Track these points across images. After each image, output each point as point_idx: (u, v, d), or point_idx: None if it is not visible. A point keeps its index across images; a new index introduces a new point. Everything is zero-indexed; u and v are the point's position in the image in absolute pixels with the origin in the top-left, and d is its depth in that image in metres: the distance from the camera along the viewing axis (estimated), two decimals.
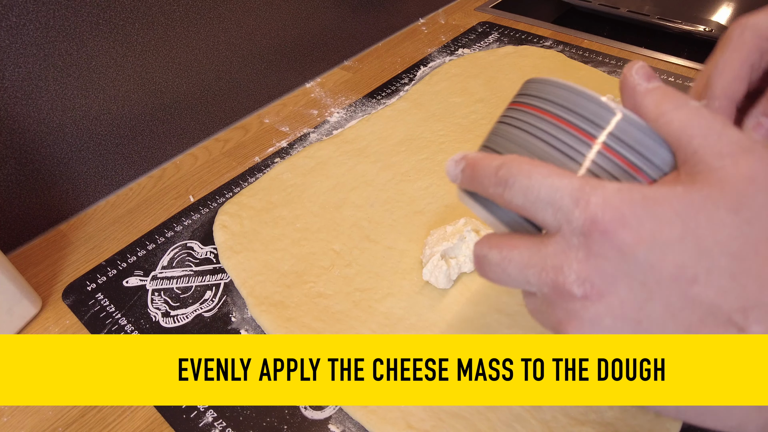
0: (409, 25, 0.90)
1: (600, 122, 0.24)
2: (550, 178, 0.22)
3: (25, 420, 0.40)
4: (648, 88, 0.24)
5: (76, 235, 0.55)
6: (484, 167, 0.24)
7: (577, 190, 0.21)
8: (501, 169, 0.23)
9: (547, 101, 0.25)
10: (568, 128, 0.24)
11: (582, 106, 0.24)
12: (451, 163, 0.27)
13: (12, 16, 0.46)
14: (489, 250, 0.25)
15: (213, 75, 0.65)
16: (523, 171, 0.23)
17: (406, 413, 0.38)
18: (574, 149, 0.24)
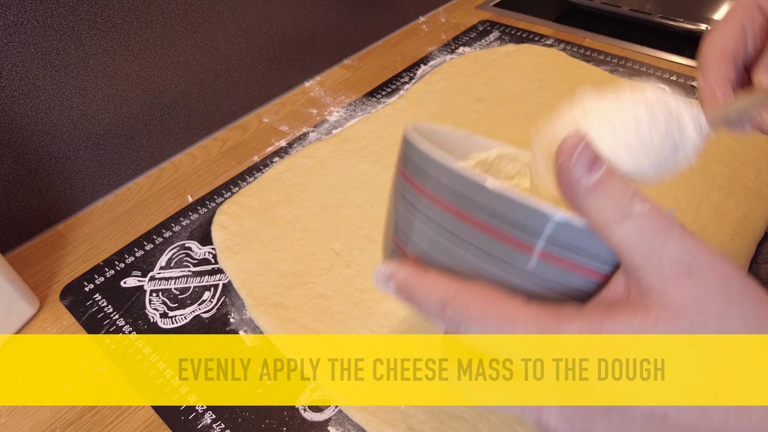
0: (410, 24, 0.89)
1: (536, 228, 0.21)
2: (505, 328, 0.21)
3: (22, 421, 0.40)
4: (589, 185, 0.21)
5: (74, 236, 0.55)
6: (425, 300, 0.23)
7: (541, 338, 0.21)
8: (446, 309, 0.23)
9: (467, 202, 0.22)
10: (502, 241, 0.22)
11: (513, 212, 0.21)
12: (378, 281, 0.25)
13: (9, 14, 0.45)
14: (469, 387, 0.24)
15: (211, 74, 0.65)
16: (473, 318, 0.22)
17: (406, 415, 0.38)
18: (511, 265, 0.22)
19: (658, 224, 0.21)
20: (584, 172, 0.21)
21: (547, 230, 0.21)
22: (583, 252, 0.22)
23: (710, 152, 0.56)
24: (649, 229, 0.21)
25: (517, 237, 0.22)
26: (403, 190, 0.25)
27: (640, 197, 0.21)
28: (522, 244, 0.22)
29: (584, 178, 0.21)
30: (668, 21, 0.85)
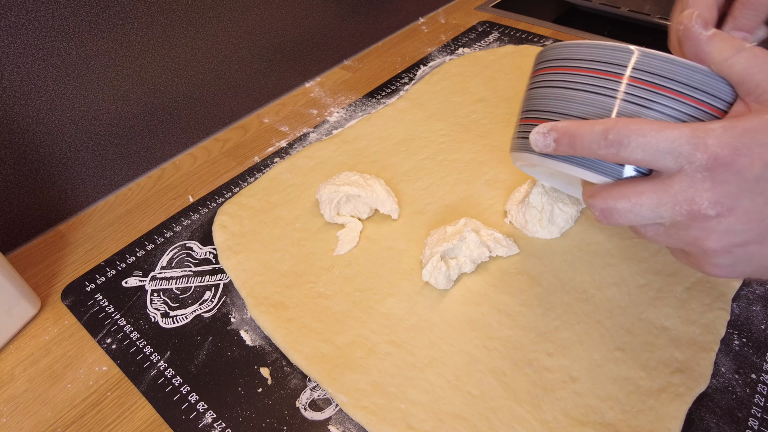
0: (409, 25, 0.89)
1: (671, 75, 0.29)
2: (663, 131, 0.27)
3: (23, 421, 0.40)
4: (708, 36, 0.29)
5: (75, 236, 0.55)
6: (588, 133, 0.29)
7: (692, 137, 0.27)
8: (609, 132, 0.28)
9: (604, 62, 0.30)
10: (644, 85, 0.29)
11: (651, 65, 0.30)
12: (538, 136, 0.31)
13: (11, 15, 0.46)
14: (616, 201, 0.29)
15: (212, 74, 0.65)
16: (635, 131, 0.28)
17: (406, 414, 0.38)
18: (653, 101, 0.29)
19: (765, 52, 0.28)
20: (702, 29, 0.29)
21: (683, 77, 0.29)
22: (708, 93, 0.29)
23: None
24: (761, 53, 0.28)
25: (670, 87, 0.29)
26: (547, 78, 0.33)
27: (744, 42, 0.28)
28: (674, 91, 0.29)
29: (703, 31, 0.29)
30: (667, 21, 0.85)
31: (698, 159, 0.27)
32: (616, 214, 0.30)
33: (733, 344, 0.42)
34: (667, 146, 0.27)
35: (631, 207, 0.29)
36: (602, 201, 0.30)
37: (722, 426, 0.37)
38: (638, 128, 0.28)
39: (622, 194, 0.29)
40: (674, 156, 0.27)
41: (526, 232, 0.50)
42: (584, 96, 0.31)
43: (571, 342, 0.42)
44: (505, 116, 0.65)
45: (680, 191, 0.27)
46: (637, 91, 0.30)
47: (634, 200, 0.29)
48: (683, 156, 0.27)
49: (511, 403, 0.38)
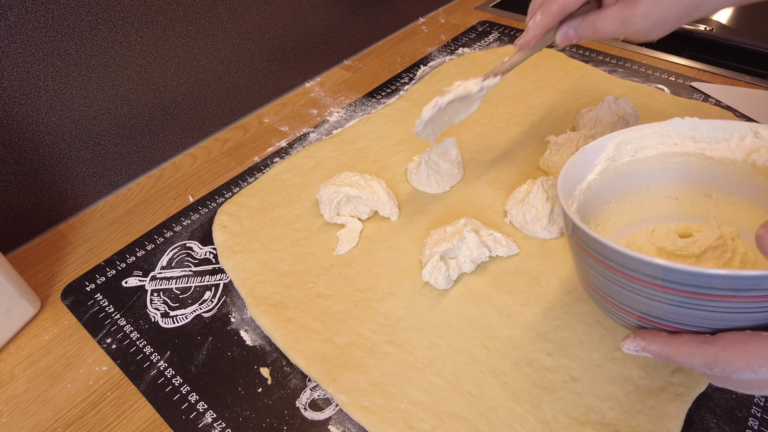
0: (409, 25, 0.89)
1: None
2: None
3: (24, 421, 0.40)
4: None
5: (75, 236, 0.55)
6: (686, 363, 0.28)
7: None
8: (713, 368, 0.27)
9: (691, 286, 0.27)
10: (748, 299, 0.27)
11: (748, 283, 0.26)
12: (631, 352, 0.31)
13: (11, 15, 0.46)
14: (736, 389, 0.29)
15: (212, 75, 0.65)
16: (743, 368, 0.26)
17: (406, 414, 0.38)
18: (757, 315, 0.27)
19: None
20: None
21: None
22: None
23: None
24: None
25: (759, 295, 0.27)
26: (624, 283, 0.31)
27: None
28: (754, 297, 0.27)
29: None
30: None
31: None
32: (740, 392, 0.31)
33: None
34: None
35: (756, 392, 0.29)
36: (721, 384, 0.30)
37: (722, 426, 0.37)
38: (746, 366, 0.26)
39: (743, 385, 0.29)
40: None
41: (526, 232, 0.50)
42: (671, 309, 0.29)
43: (571, 342, 0.42)
44: (505, 116, 0.65)
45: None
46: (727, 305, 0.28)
47: (757, 391, 0.29)
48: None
49: (511, 403, 0.38)
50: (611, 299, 0.33)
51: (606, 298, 0.33)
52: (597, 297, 0.35)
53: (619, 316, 0.34)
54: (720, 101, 0.65)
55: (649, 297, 0.29)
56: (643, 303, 0.30)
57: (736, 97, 0.66)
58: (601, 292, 0.34)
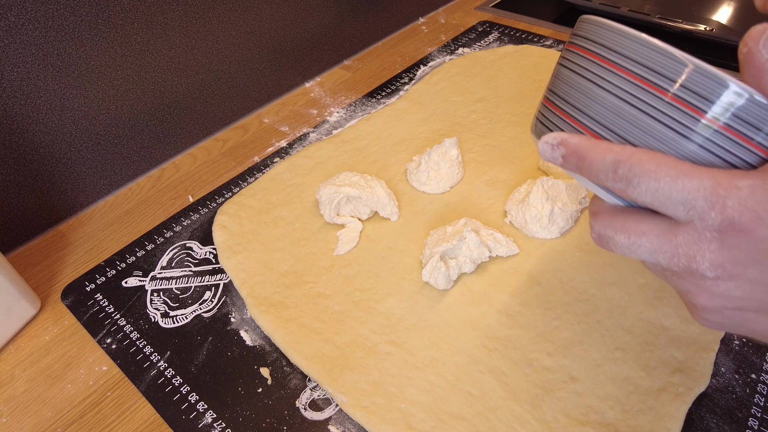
0: (409, 25, 0.89)
1: (715, 99, 0.23)
2: (680, 180, 0.23)
3: (24, 420, 0.40)
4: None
5: (75, 236, 0.55)
6: (597, 161, 0.25)
7: (711, 194, 0.23)
8: (619, 167, 0.25)
9: (644, 67, 0.25)
10: (681, 105, 0.24)
11: (694, 82, 0.23)
12: (546, 146, 0.28)
13: (11, 15, 0.46)
14: (615, 234, 0.27)
15: (212, 74, 0.65)
16: (648, 172, 0.24)
17: (406, 414, 0.38)
18: (689, 129, 0.24)
19: None
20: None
21: (736, 104, 0.23)
22: (761, 131, 0.23)
23: None
24: None
25: (703, 108, 0.23)
26: (582, 65, 0.27)
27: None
28: (707, 116, 0.24)
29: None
30: (667, 21, 0.85)
31: (711, 218, 0.23)
32: (612, 244, 0.27)
33: (733, 344, 0.42)
34: (681, 197, 0.24)
35: (629, 244, 0.26)
36: (602, 227, 0.28)
37: (722, 426, 0.37)
38: (653, 170, 0.24)
39: (623, 228, 0.27)
40: (686, 208, 0.24)
41: (526, 232, 0.50)
42: (613, 102, 0.26)
43: (571, 342, 0.42)
44: (505, 116, 0.65)
45: (683, 244, 0.24)
46: (678, 115, 0.24)
47: (633, 239, 0.26)
48: (695, 210, 0.24)
49: (511, 403, 0.38)
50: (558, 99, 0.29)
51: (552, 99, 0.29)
52: (543, 107, 0.30)
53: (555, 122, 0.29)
54: None
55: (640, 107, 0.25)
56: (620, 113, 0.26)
57: None
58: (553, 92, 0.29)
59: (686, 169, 0.24)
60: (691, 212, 0.24)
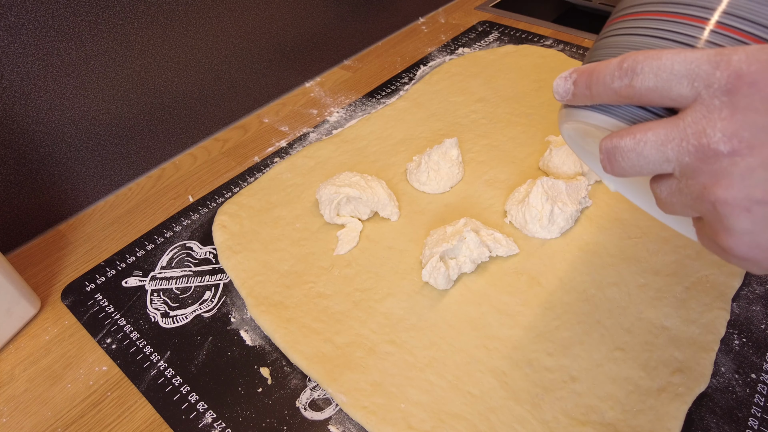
0: (409, 24, 0.89)
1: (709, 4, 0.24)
2: (681, 53, 0.22)
3: (24, 421, 0.40)
4: None
5: (75, 236, 0.55)
6: (604, 67, 0.25)
7: (715, 55, 0.21)
8: (624, 62, 0.24)
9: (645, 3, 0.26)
10: (679, 19, 0.24)
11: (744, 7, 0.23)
12: (559, 80, 0.27)
13: (11, 15, 0.46)
14: (620, 139, 0.24)
15: (212, 75, 0.65)
16: (650, 55, 0.23)
17: (406, 414, 0.38)
18: (691, 36, 0.24)
19: None
20: None
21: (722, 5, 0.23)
22: (758, 24, 0.23)
23: None
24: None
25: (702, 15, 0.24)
26: (605, 30, 0.28)
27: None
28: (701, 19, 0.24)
29: None
30: None
31: (717, 79, 0.21)
32: (619, 154, 0.25)
33: (733, 344, 0.42)
34: (684, 68, 0.22)
35: (634, 145, 0.24)
36: (608, 140, 0.25)
37: (722, 426, 0.37)
38: (656, 54, 0.23)
39: (628, 131, 0.24)
40: (690, 79, 0.22)
41: (526, 232, 0.50)
42: (656, 43, 0.25)
43: (571, 342, 0.42)
44: (505, 116, 0.65)
45: (691, 123, 0.22)
46: (721, 39, 0.23)
47: (639, 136, 0.24)
48: (700, 78, 0.21)
49: (511, 402, 0.38)
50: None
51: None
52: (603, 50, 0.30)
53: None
54: None
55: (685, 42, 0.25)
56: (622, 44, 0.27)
57: None
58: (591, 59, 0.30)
59: (686, 51, 0.22)
60: (696, 83, 0.22)
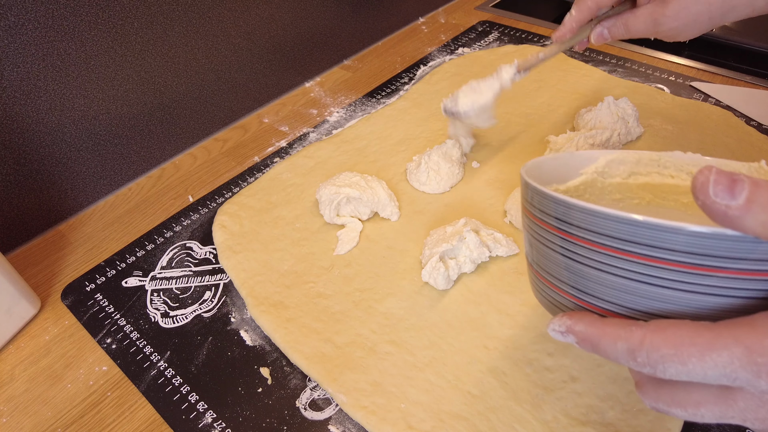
0: (409, 24, 0.89)
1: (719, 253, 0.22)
2: (706, 357, 0.22)
3: (24, 421, 0.40)
4: (740, 205, 0.21)
5: (75, 236, 0.55)
6: (611, 351, 0.24)
7: (749, 364, 0.21)
8: (636, 355, 0.23)
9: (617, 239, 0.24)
10: (668, 266, 0.23)
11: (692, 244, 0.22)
12: (556, 334, 0.27)
13: (11, 15, 0.46)
14: (669, 408, 0.24)
15: (212, 74, 0.65)
16: (668, 357, 0.22)
17: (406, 414, 0.38)
18: (685, 282, 0.23)
19: None
20: (728, 197, 0.21)
21: (724, 250, 0.22)
22: (759, 259, 0.22)
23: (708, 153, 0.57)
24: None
25: (689, 261, 0.22)
26: (560, 245, 0.27)
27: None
28: (704, 267, 0.22)
29: (731, 202, 0.21)
30: None
31: (763, 386, 0.21)
32: (674, 416, 0.25)
33: None
34: (717, 373, 0.22)
35: (690, 416, 0.24)
36: (653, 401, 0.25)
37: (722, 426, 0.37)
38: (673, 353, 0.22)
39: (674, 401, 0.24)
40: (730, 380, 0.22)
41: None
42: (601, 276, 0.25)
43: None
44: (504, 116, 0.65)
45: (748, 410, 0.23)
46: (668, 274, 0.23)
47: (691, 411, 0.24)
48: (741, 380, 0.22)
49: (511, 402, 0.38)
50: (546, 273, 0.29)
51: (542, 273, 0.29)
52: (534, 277, 0.31)
53: (555, 297, 0.29)
54: (720, 101, 0.65)
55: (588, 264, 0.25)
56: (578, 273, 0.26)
57: (735, 97, 0.66)
58: (539, 265, 0.29)
59: (707, 343, 0.22)
60: (737, 382, 0.22)
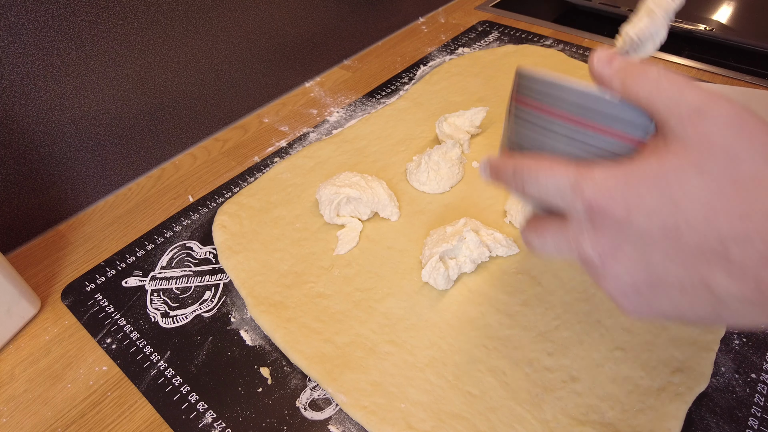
0: (409, 24, 0.89)
1: (588, 107, 0.27)
2: (552, 174, 0.27)
3: (24, 421, 0.40)
4: (611, 73, 0.27)
5: (75, 236, 0.55)
6: (504, 171, 0.30)
7: (575, 183, 0.26)
8: (515, 171, 0.29)
9: (544, 98, 0.29)
10: (563, 120, 0.28)
11: (571, 100, 0.28)
12: (481, 167, 0.32)
13: (11, 15, 0.46)
14: (529, 235, 0.30)
15: (212, 74, 0.65)
16: (531, 172, 0.28)
17: (406, 413, 0.38)
18: (570, 137, 0.28)
19: (674, 78, 0.25)
20: (605, 67, 0.27)
21: (597, 109, 0.27)
22: (624, 122, 0.27)
23: None
24: (667, 82, 0.25)
25: (578, 116, 0.28)
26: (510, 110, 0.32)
27: (659, 66, 0.26)
28: (580, 121, 0.28)
29: (606, 69, 0.27)
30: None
31: (578, 205, 0.26)
32: (532, 247, 0.30)
33: (733, 344, 0.42)
34: (555, 189, 0.27)
35: (541, 244, 0.29)
36: (523, 231, 0.31)
37: (722, 426, 0.37)
38: (534, 165, 0.28)
39: (534, 228, 0.30)
40: (561, 198, 0.27)
41: None
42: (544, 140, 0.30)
43: (571, 341, 0.42)
44: (504, 116, 0.65)
45: (573, 236, 0.27)
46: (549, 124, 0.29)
47: (541, 237, 0.29)
48: (566, 200, 0.26)
49: (511, 402, 0.38)
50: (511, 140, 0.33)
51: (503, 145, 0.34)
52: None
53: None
54: None
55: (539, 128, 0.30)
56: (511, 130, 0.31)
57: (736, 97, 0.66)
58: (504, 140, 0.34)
59: (557, 166, 0.27)
60: (565, 202, 0.27)
